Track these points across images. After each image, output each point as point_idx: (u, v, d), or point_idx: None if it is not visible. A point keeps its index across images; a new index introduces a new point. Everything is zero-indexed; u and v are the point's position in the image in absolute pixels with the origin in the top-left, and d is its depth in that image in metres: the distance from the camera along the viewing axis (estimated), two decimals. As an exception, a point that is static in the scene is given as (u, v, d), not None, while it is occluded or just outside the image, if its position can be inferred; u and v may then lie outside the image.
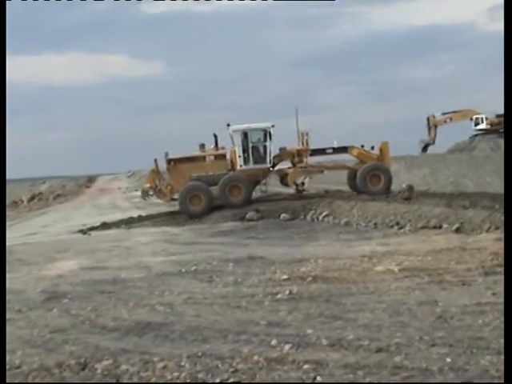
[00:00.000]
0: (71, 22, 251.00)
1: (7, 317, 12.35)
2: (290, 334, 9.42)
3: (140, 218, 31.25)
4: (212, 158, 30.80)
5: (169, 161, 30.91)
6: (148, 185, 31.69)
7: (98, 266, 17.91)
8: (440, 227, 19.03)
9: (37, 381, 8.47)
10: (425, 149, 64.50)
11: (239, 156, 30.36)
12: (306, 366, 8.00)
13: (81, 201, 55.82)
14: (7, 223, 41.19)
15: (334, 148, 31.47)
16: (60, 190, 69.36)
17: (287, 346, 8.84)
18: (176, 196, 30.40)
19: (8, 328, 11.52)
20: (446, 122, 63.74)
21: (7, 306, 13.46)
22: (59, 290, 14.86)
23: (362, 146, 31.48)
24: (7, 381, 8.51)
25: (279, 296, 12.00)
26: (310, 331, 9.50)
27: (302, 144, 30.98)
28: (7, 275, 17.68)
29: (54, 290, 14.77)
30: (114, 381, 8.24)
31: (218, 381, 7.90)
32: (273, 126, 30.66)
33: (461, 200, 23.22)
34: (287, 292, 12.17)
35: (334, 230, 21.63)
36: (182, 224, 27.63)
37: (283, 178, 31.91)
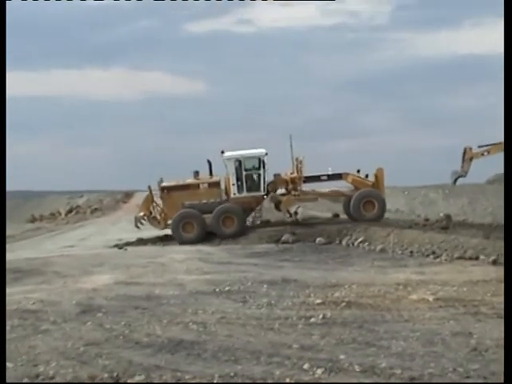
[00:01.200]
0: (115, 38, 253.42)
1: (43, 328, 12.53)
2: (322, 359, 9.40)
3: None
4: (206, 185, 30.62)
5: (162, 188, 30.85)
6: (142, 213, 31.33)
7: (132, 282, 18.03)
8: (477, 258, 18.87)
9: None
10: (455, 181, 63.52)
11: (233, 184, 30.21)
12: (337, 392, 8.00)
13: (117, 216, 56.15)
14: (46, 234, 41.79)
15: (328, 175, 31.28)
16: (97, 205, 69.81)
17: (319, 371, 8.82)
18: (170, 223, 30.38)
19: (43, 339, 11.70)
20: (483, 154, 62.57)
21: (43, 316, 13.65)
22: (94, 303, 14.99)
23: (358, 172, 31.30)
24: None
25: (313, 320, 11.97)
26: (342, 357, 9.47)
27: (297, 171, 30.68)
28: (44, 286, 17.97)
29: (89, 304, 14.90)
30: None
31: None
32: (266, 154, 30.53)
33: (499, 231, 22.99)
34: (321, 316, 12.13)
35: (369, 257, 21.51)
36: (217, 243, 27.70)
37: (277, 205, 31.80)
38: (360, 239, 24.83)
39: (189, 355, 10.07)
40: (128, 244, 29.15)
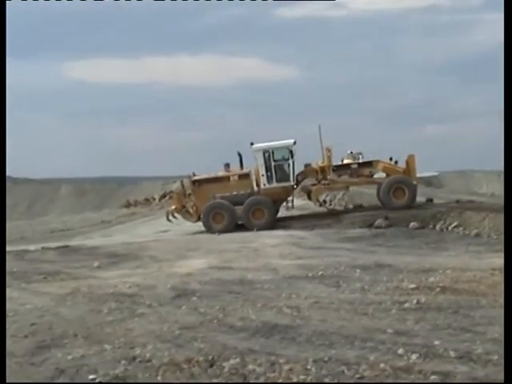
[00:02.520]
0: (207, 24, 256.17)
1: (139, 311, 12.78)
2: (417, 344, 9.32)
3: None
4: (236, 177, 30.85)
5: (193, 182, 31.31)
6: (174, 207, 32.12)
7: (225, 266, 18.21)
8: None
9: (167, 375, 8.70)
10: None
11: (262, 175, 30.36)
12: (433, 377, 7.92)
13: (210, 201, 56.56)
14: (141, 219, 42.47)
15: (358, 163, 31.31)
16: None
17: (414, 356, 8.75)
18: None
19: (139, 322, 11.94)
20: None
21: (139, 300, 13.92)
22: (188, 287, 15.19)
23: (391, 159, 30.92)
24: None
25: (407, 305, 11.87)
26: (437, 342, 9.37)
27: (328, 160, 30.57)
28: (140, 270, 18.33)
29: (184, 288, 15.11)
30: (242, 380, 8.37)
31: None
32: (295, 143, 30.68)
33: None
34: (415, 301, 12.02)
35: (463, 241, 21.20)
36: (310, 228, 27.67)
37: (309, 195, 31.84)
38: (454, 224, 24.47)
39: (283, 339, 10.12)
40: (220, 229, 29.46)
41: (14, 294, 16.20)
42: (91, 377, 8.89)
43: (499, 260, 16.30)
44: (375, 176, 31.22)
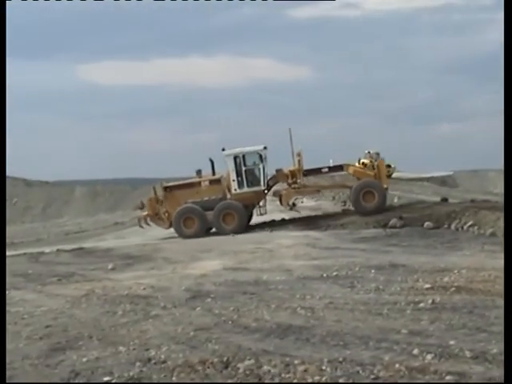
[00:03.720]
0: (218, 25, 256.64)
1: (153, 313, 12.79)
2: (432, 344, 9.27)
3: (283, 222, 31.56)
4: (207, 183, 31.10)
5: (165, 188, 31.81)
6: (145, 213, 32.58)
7: (240, 267, 18.20)
8: None
9: (182, 376, 8.70)
10: None
11: (233, 180, 30.58)
12: (448, 377, 7.88)
13: (224, 202, 56.59)
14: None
15: (329, 167, 31.47)
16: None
17: (429, 356, 8.70)
18: None
19: (154, 324, 11.94)
20: None
21: (153, 302, 13.94)
22: (203, 289, 15.20)
23: (359, 162, 31.11)
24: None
25: (421, 305, 11.81)
26: (452, 342, 9.32)
27: (298, 164, 30.72)
28: (154, 272, 18.36)
29: (198, 289, 15.12)
30: (257, 381, 8.36)
31: None
32: (265, 148, 30.98)
33: None
34: (430, 301, 11.95)
35: (478, 241, 21.02)
36: (324, 229, 27.63)
37: (280, 199, 31.90)
38: (469, 223, 24.31)
39: (297, 340, 10.09)
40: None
41: (28, 296, 16.29)
42: (106, 379, 8.91)
43: (514, 259, 16.23)
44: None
